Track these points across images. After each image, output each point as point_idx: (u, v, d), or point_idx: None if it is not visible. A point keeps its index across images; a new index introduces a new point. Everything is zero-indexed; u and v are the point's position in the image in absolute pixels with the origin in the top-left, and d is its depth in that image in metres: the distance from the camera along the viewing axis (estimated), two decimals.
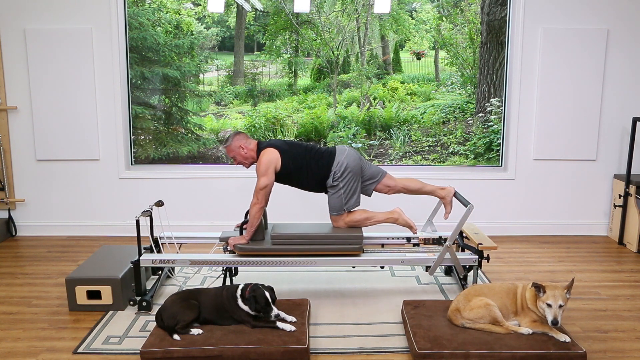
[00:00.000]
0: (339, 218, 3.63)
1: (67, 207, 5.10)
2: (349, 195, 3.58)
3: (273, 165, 3.48)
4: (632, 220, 4.77)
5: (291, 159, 3.54)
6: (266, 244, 3.53)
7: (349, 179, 3.56)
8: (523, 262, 4.43)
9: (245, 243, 3.50)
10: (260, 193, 3.44)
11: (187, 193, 5.09)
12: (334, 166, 3.55)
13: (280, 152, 3.52)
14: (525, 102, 4.97)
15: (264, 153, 3.51)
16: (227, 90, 5.12)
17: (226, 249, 3.62)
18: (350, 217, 3.62)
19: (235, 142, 3.59)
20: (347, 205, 3.59)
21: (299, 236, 3.50)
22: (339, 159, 3.55)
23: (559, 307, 2.81)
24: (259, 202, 3.45)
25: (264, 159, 3.48)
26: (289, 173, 3.56)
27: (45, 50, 4.80)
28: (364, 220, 3.64)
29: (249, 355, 2.78)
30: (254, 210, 3.45)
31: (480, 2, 4.96)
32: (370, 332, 3.17)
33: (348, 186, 3.56)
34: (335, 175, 3.54)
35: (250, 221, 3.48)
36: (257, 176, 3.48)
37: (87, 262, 3.69)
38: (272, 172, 3.48)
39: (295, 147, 3.60)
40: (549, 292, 2.84)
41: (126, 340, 3.09)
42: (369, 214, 3.66)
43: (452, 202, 3.76)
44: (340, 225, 3.64)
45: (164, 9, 4.96)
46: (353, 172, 3.56)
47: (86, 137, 4.96)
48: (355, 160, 3.58)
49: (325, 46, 5.06)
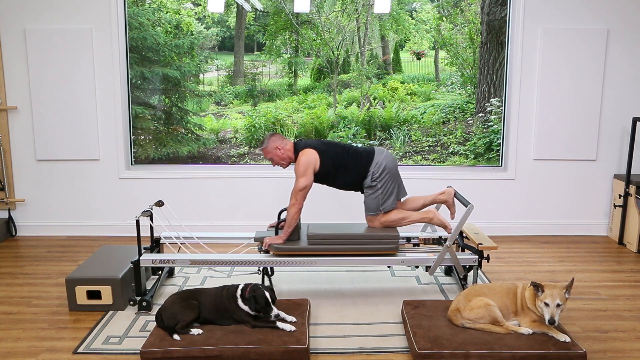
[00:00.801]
0: (374, 218, 3.64)
1: (67, 207, 5.10)
2: (386, 196, 3.58)
3: (312, 166, 3.49)
4: (632, 220, 4.77)
5: (330, 158, 3.54)
6: (302, 243, 3.54)
7: (387, 180, 3.56)
8: (523, 262, 4.43)
9: (281, 243, 3.50)
10: (299, 194, 3.45)
11: (187, 193, 5.09)
12: (372, 166, 3.56)
13: (318, 152, 3.53)
14: (525, 102, 4.97)
15: (302, 154, 3.52)
16: (227, 90, 5.12)
17: (261, 249, 3.63)
18: (386, 217, 3.62)
19: (272, 144, 3.60)
20: (384, 205, 3.59)
21: (336, 236, 3.51)
22: (377, 159, 3.57)
23: (556, 306, 2.80)
24: (298, 202, 3.46)
25: (303, 159, 3.49)
26: (327, 173, 3.57)
27: (45, 50, 4.80)
28: (400, 220, 3.64)
29: (249, 355, 2.78)
30: (293, 210, 3.46)
31: (480, 2, 4.96)
32: (370, 332, 3.17)
33: (385, 187, 3.57)
34: (374, 175, 3.55)
35: (287, 221, 3.48)
36: (296, 177, 3.49)
37: (87, 262, 3.69)
38: (311, 173, 3.49)
39: (333, 147, 3.61)
40: (547, 291, 2.84)
41: (126, 340, 3.09)
42: (404, 213, 3.66)
43: (454, 202, 3.78)
44: (375, 225, 3.65)
45: (164, 9, 4.96)
46: (391, 173, 3.58)
47: (86, 137, 4.96)
48: (393, 162, 3.60)
49: (325, 46, 5.06)
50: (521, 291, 3.01)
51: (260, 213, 5.08)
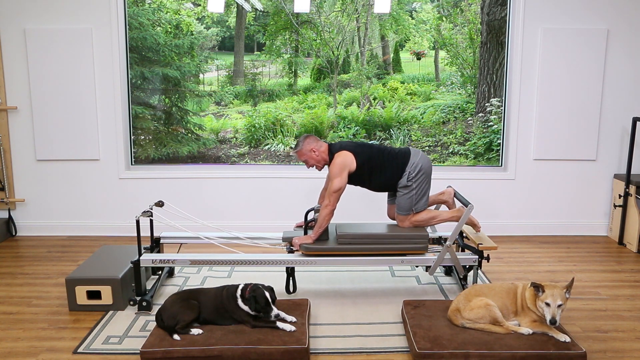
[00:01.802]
0: (405, 218, 3.65)
1: (67, 207, 5.10)
2: (419, 196, 3.59)
3: (347, 168, 3.50)
4: (632, 220, 4.77)
5: (365, 160, 3.56)
6: (331, 243, 3.55)
7: (422, 180, 3.58)
8: (523, 262, 4.43)
9: (311, 243, 3.51)
10: (333, 195, 3.46)
11: (187, 193, 5.09)
12: (409, 166, 3.57)
13: (354, 154, 3.54)
14: (525, 102, 4.97)
15: (338, 156, 3.53)
16: (227, 90, 5.12)
17: (291, 249, 3.64)
18: (416, 217, 3.63)
19: (307, 146, 3.61)
20: (417, 206, 3.61)
21: (365, 236, 3.53)
22: (414, 159, 3.58)
23: (557, 306, 2.81)
24: (331, 204, 3.47)
25: (338, 161, 3.50)
26: (362, 174, 3.58)
27: (45, 50, 4.80)
28: (429, 220, 3.66)
29: (249, 355, 2.78)
30: (326, 212, 3.47)
31: (480, 2, 4.95)
32: (370, 332, 3.17)
33: (420, 187, 3.58)
34: (410, 175, 3.56)
35: (319, 222, 3.49)
36: (331, 178, 3.50)
37: (87, 262, 3.69)
38: (346, 174, 3.50)
39: (368, 148, 3.62)
40: (548, 291, 2.84)
41: (126, 340, 3.09)
42: (434, 213, 3.68)
43: (454, 202, 3.79)
44: (405, 225, 3.66)
45: (164, 9, 4.96)
46: (426, 174, 3.59)
47: (86, 137, 4.96)
48: (428, 162, 3.62)
49: (325, 46, 5.06)
50: (521, 291, 3.01)
51: (260, 213, 5.08)
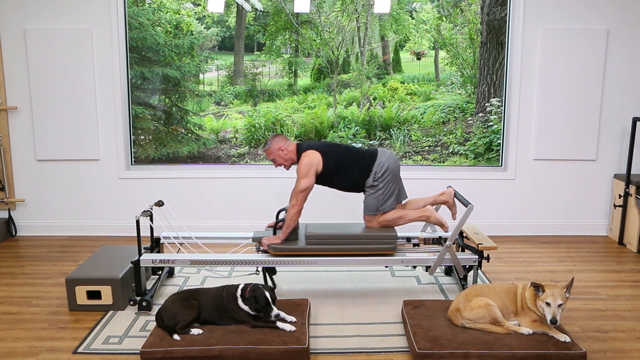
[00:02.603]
0: (372, 218, 3.64)
1: (67, 207, 5.10)
2: (386, 197, 3.59)
3: (314, 167, 3.49)
4: (632, 220, 4.77)
5: (332, 160, 3.55)
6: (300, 243, 3.54)
7: (389, 181, 3.57)
8: (523, 262, 4.43)
9: (279, 243, 3.51)
10: (300, 195, 3.46)
11: (187, 193, 5.09)
12: (375, 166, 3.56)
13: (321, 153, 3.53)
14: (525, 102, 4.97)
15: (305, 155, 3.52)
16: (227, 90, 5.12)
17: (259, 249, 3.64)
18: (384, 217, 3.63)
19: (275, 145, 3.61)
20: (384, 206, 3.60)
21: (334, 236, 3.52)
22: (380, 159, 3.58)
23: (558, 306, 2.81)
24: (298, 203, 3.46)
25: (305, 161, 3.50)
26: (330, 174, 3.57)
27: (45, 50, 4.80)
28: (397, 220, 3.65)
29: (249, 355, 2.78)
30: (293, 211, 3.46)
31: (480, 2, 4.95)
32: (370, 332, 3.17)
33: (387, 187, 3.58)
34: (376, 175, 3.56)
35: (287, 222, 3.49)
36: (298, 178, 3.49)
37: (87, 262, 3.69)
38: (313, 174, 3.49)
39: (335, 148, 3.61)
40: (548, 291, 2.84)
41: (126, 340, 3.09)
42: (401, 212, 3.67)
43: (454, 202, 3.78)
44: (373, 225, 3.65)
45: (164, 9, 4.96)
46: (393, 174, 3.58)
47: (86, 137, 4.96)
48: (395, 163, 3.61)
49: (325, 46, 5.06)
50: (521, 291, 3.01)
51: (260, 213, 5.08)
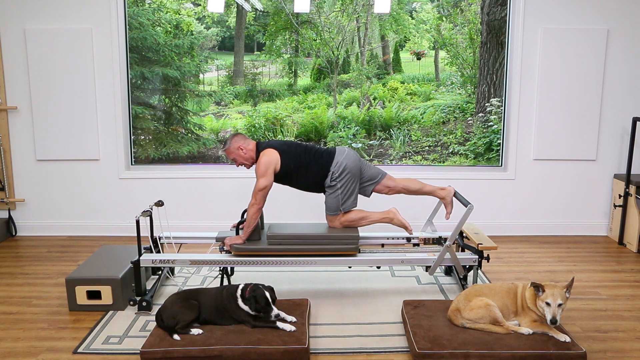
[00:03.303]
0: (334, 218, 3.63)
1: (67, 207, 5.10)
2: (346, 196, 3.57)
3: (272, 166, 3.48)
4: (632, 220, 4.77)
5: (291, 159, 3.53)
6: (262, 244, 3.53)
7: (347, 180, 3.55)
8: (523, 262, 4.43)
9: (241, 243, 3.50)
10: (258, 194, 3.44)
11: (187, 193, 5.09)
12: (333, 166, 3.55)
13: (279, 152, 3.52)
14: (525, 102, 4.97)
15: (263, 154, 3.51)
16: (227, 90, 5.12)
17: (222, 249, 3.63)
18: (346, 217, 3.62)
19: (234, 144, 3.59)
20: (344, 205, 3.59)
21: (295, 236, 3.51)
22: (338, 159, 3.55)
23: (558, 305, 2.81)
24: (257, 202, 3.45)
25: (264, 160, 3.48)
26: (288, 173, 3.56)
27: (45, 50, 4.80)
28: (359, 220, 3.64)
29: (249, 355, 2.78)
30: (252, 210, 3.45)
31: (480, 2, 4.95)
32: (370, 332, 3.17)
33: (346, 187, 3.56)
34: (334, 175, 3.54)
35: (247, 221, 3.48)
36: (256, 177, 3.49)
37: (87, 262, 3.69)
38: (271, 173, 3.48)
39: (294, 147, 3.60)
40: (548, 290, 2.84)
41: (126, 340, 3.09)
42: (364, 213, 3.66)
43: (452, 202, 3.77)
44: (335, 225, 3.64)
45: (164, 9, 4.96)
46: (351, 173, 3.56)
47: (86, 137, 4.96)
48: (354, 162, 3.58)
49: (325, 46, 5.06)
50: (521, 291, 3.01)
51: None
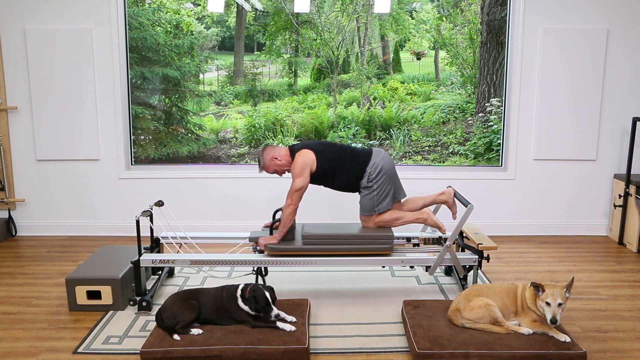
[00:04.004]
0: (369, 219, 3.64)
1: (67, 207, 5.10)
2: (381, 197, 3.58)
3: (309, 166, 3.49)
4: (632, 220, 4.77)
5: (327, 159, 3.54)
6: (297, 243, 3.54)
7: (383, 181, 3.56)
8: (523, 262, 4.43)
9: (276, 243, 3.50)
10: (295, 194, 3.45)
11: (187, 193, 5.09)
12: (369, 167, 3.55)
13: (315, 153, 3.53)
14: (525, 102, 4.97)
15: (299, 155, 3.52)
16: (227, 90, 5.12)
17: (256, 249, 3.63)
18: (380, 218, 3.62)
19: (267, 157, 3.60)
20: (379, 207, 3.59)
21: (330, 236, 3.52)
22: (374, 160, 3.56)
23: (557, 305, 2.81)
24: (293, 203, 3.45)
25: (299, 160, 3.49)
26: (324, 173, 3.57)
27: (45, 50, 4.80)
28: (394, 221, 3.64)
29: (249, 355, 2.78)
30: (288, 211, 3.46)
31: (480, 2, 4.95)
32: (370, 332, 3.17)
33: (381, 188, 3.57)
34: (370, 176, 3.55)
35: (282, 221, 3.48)
36: (293, 178, 3.49)
37: (87, 262, 3.69)
38: (307, 173, 3.48)
39: (330, 148, 3.61)
40: (548, 290, 2.84)
41: (126, 340, 3.09)
42: (399, 214, 3.66)
43: (454, 202, 3.78)
44: (369, 225, 3.65)
45: (164, 9, 4.96)
46: (387, 174, 3.57)
47: (86, 137, 4.96)
48: (390, 164, 3.60)
49: (325, 46, 5.06)
50: (521, 291, 3.01)
51: (260, 213, 5.08)
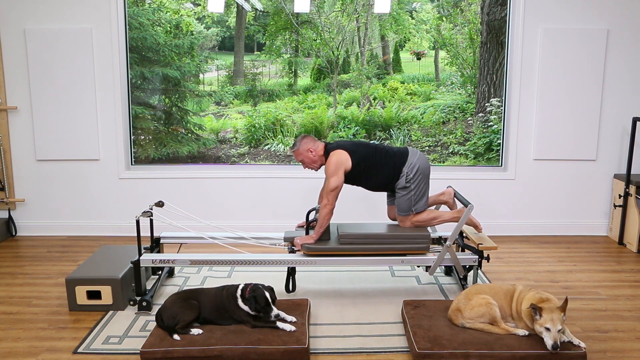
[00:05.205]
0: (406, 218, 3.64)
1: (67, 207, 5.10)
2: (418, 197, 3.58)
3: (343, 166, 3.49)
4: (632, 220, 4.77)
5: (361, 159, 3.54)
6: (333, 243, 3.54)
7: (420, 181, 3.57)
8: (523, 262, 4.43)
9: (312, 243, 3.51)
10: (330, 194, 3.45)
11: (187, 193, 5.09)
12: (406, 167, 3.55)
13: (349, 152, 3.53)
14: (525, 102, 4.97)
15: (333, 154, 3.52)
16: (227, 90, 5.12)
17: (292, 249, 3.64)
18: (417, 218, 3.63)
19: (303, 146, 3.60)
20: (416, 206, 3.60)
21: (367, 236, 3.52)
22: (411, 160, 3.57)
23: (558, 331, 2.73)
24: (330, 203, 3.46)
25: (334, 159, 3.49)
26: (358, 173, 3.57)
27: (45, 50, 4.80)
28: (431, 220, 3.65)
29: (249, 355, 2.78)
30: (325, 211, 3.46)
31: (480, 2, 4.96)
32: (370, 332, 3.17)
33: (419, 188, 3.57)
34: (408, 176, 3.55)
35: (320, 221, 3.49)
36: (327, 177, 3.49)
37: (87, 262, 3.69)
38: (342, 173, 3.48)
39: (364, 147, 3.61)
40: (546, 315, 2.75)
41: (126, 340, 3.09)
42: (435, 213, 3.67)
43: (455, 202, 3.78)
44: (406, 225, 3.65)
45: (164, 9, 4.96)
46: (424, 174, 3.58)
47: (86, 137, 4.96)
48: (425, 163, 3.60)
49: (325, 46, 5.06)
50: (517, 296, 2.97)
51: (260, 213, 5.08)
